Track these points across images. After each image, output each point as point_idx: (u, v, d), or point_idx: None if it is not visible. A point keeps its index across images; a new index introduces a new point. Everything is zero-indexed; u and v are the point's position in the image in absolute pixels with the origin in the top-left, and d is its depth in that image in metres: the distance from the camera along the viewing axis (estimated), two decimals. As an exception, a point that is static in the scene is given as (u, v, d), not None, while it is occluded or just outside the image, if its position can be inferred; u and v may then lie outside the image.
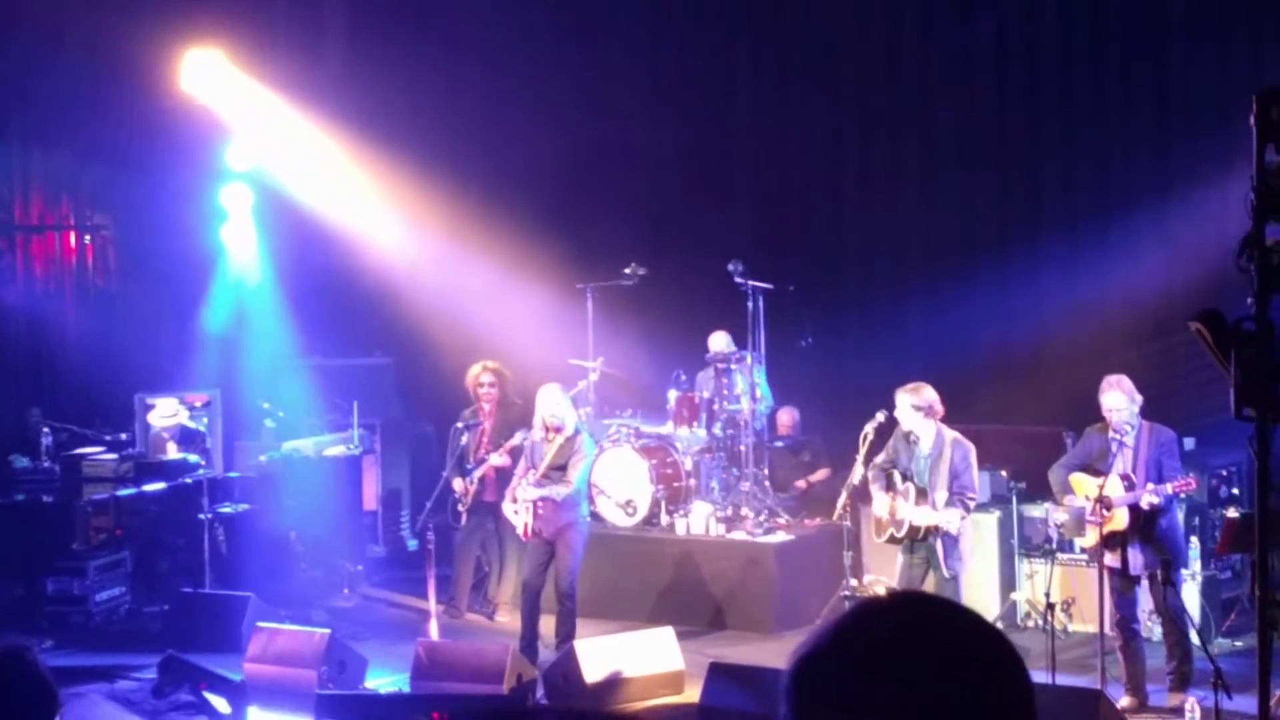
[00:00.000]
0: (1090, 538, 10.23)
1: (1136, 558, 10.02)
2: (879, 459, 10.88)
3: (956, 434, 10.66)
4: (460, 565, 13.34)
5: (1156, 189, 14.00)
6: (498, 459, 12.58)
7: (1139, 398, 10.09)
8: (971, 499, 10.63)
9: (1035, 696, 1.81)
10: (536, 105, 16.32)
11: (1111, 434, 10.02)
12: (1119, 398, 10.00)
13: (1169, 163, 14.19)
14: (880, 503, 10.79)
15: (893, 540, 10.78)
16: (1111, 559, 10.07)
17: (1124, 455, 10.03)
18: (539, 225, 15.62)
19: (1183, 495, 10.46)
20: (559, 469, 11.53)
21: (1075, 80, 14.76)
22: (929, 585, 10.47)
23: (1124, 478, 9.97)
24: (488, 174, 16.13)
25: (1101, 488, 9.95)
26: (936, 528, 10.47)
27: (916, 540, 10.64)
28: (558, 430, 11.60)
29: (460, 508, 12.70)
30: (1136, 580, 10.16)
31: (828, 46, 15.94)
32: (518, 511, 11.63)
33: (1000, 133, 15.11)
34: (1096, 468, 10.12)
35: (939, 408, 10.65)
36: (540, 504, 11.51)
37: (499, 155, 16.33)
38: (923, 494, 10.57)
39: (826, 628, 1.80)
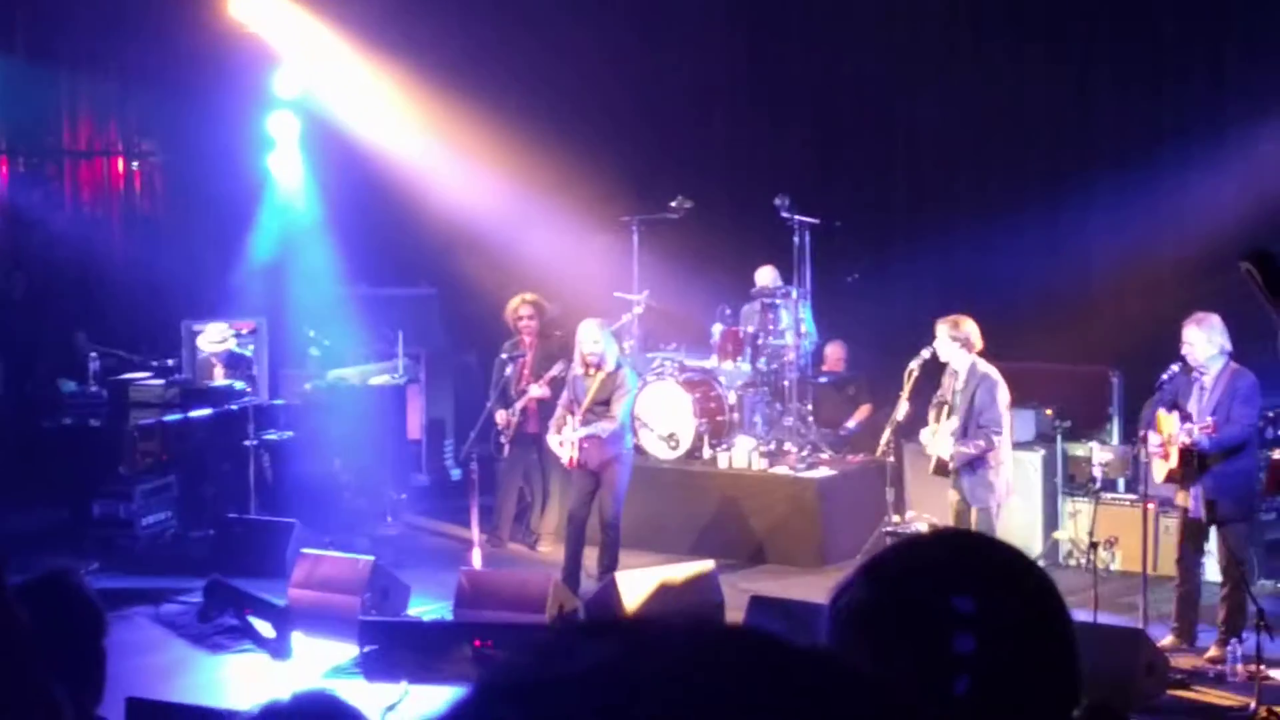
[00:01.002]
0: (1157, 474, 10.13)
1: (1198, 499, 9.86)
2: (939, 392, 10.87)
3: (989, 368, 10.60)
4: (503, 496, 13.38)
5: (1209, 126, 13.84)
6: (538, 390, 12.58)
7: (1221, 340, 9.81)
8: (996, 434, 10.50)
9: (1072, 622, 1.87)
10: (585, 35, 16.20)
11: (1193, 373, 9.88)
12: (1195, 334, 9.80)
13: (1223, 100, 14.02)
14: (925, 434, 10.83)
15: (937, 472, 10.83)
16: (1180, 498, 10.01)
17: (1200, 395, 9.87)
18: (585, 158, 15.54)
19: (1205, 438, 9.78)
20: (603, 404, 11.51)
21: (1129, 13, 14.57)
22: (971, 520, 10.49)
23: (1184, 416, 9.82)
24: (534, 105, 16.04)
25: (1161, 426, 9.88)
26: (956, 459, 10.50)
27: (949, 473, 10.67)
28: (598, 366, 11.57)
29: (502, 439, 12.72)
30: (1197, 522, 9.99)
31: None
32: (563, 444, 11.64)
33: (1051, 69, 14.93)
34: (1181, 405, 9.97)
35: (976, 341, 10.60)
36: (585, 439, 11.51)
37: (546, 86, 16.22)
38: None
39: (865, 562, 1.85)
